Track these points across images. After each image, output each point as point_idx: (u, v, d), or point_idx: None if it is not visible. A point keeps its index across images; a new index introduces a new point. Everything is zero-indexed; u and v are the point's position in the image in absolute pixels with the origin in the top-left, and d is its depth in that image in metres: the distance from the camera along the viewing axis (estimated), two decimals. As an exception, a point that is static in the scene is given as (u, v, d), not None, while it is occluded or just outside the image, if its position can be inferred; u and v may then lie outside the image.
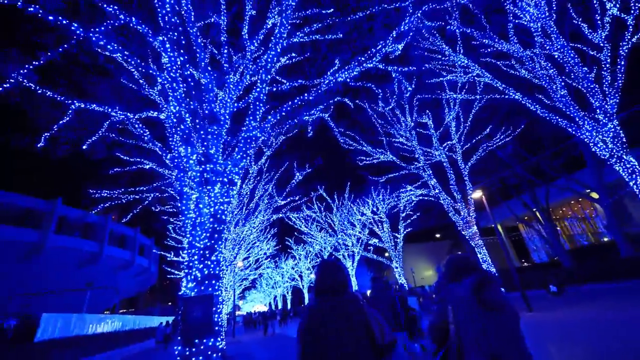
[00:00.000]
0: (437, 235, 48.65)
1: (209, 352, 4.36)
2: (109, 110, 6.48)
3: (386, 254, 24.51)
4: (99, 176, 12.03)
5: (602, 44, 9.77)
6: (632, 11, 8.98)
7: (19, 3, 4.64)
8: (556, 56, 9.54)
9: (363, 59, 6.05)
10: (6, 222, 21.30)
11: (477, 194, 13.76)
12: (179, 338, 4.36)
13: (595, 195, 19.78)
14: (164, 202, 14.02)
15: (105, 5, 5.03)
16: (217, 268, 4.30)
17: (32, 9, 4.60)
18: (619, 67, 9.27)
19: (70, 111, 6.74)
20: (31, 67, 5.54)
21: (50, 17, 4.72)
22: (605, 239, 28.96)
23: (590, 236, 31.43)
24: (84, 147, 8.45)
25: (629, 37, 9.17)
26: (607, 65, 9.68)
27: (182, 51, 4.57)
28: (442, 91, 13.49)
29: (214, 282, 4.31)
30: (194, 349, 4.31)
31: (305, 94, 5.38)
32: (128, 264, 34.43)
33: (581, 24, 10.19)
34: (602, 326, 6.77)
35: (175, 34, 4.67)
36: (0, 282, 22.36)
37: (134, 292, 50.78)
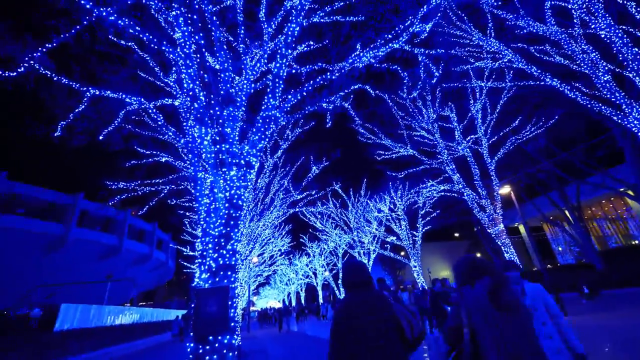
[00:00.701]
0: (456, 235, 47.13)
1: (225, 351, 3.99)
2: (124, 97, 6.26)
3: (402, 253, 23.78)
4: (115, 168, 12.01)
5: (653, 24, 8.81)
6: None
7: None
8: (603, 35, 8.63)
9: (390, 36, 5.53)
10: (32, 214, 22.04)
11: (505, 190, 12.90)
12: (191, 334, 4.02)
13: (631, 192, 18.37)
14: (179, 195, 13.93)
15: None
16: (233, 258, 3.92)
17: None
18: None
19: (85, 99, 6.58)
20: (44, 49, 5.33)
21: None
22: (635, 242, 27.22)
23: (621, 238, 29.60)
24: (101, 137, 8.35)
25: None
26: (659, 47, 8.71)
27: (196, 26, 4.22)
28: (468, 80, 12.67)
29: (229, 273, 3.94)
30: (207, 347, 3.96)
31: (328, 74, 4.92)
32: (146, 258, 35.18)
33: (627, 2, 9.22)
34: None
35: (188, 9, 4.33)
36: (25, 273, 23.23)
37: (152, 286, 52.13)
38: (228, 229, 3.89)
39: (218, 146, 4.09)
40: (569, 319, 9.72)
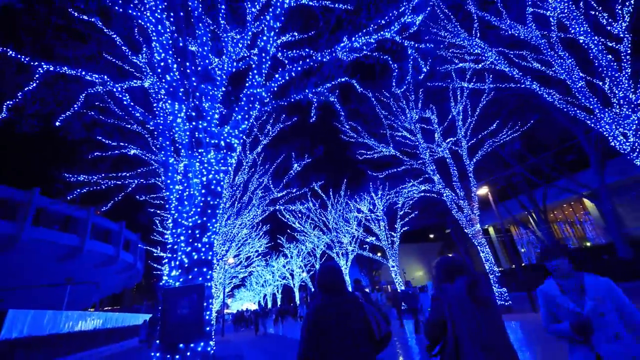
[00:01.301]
0: (431, 236, 48.42)
1: (199, 361, 3.45)
2: (84, 74, 5.51)
3: (379, 254, 23.83)
4: (76, 160, 10.88)
5: (622, 35, 9.28)
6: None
7: None
8: (581, 40, 8.94)
9: (383, 22, 5.27)
10: (-23, 211, 19.77)
11: (483, 191, 13.15)
12: (157, 342, 3.42)
13: (589, 198, 19.63)
14: (149, 191, 12.92)
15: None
16: (209, 252, 3.39)
17: None
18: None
19: (37, 75, 5.75)
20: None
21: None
22: (588, 244, 29.19)
23: (577, 240, 31.68)
24: (57, 123, 7.42)
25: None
26: (628, 57, 9.19)
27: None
28: (451, 81, 12.80)
29: (205, 269, 3.39)
30: (177, 356, 3.39)
31: (318, 54, 4.53)
32: (112, 260, 32.88)
33: (599, 14, 9.67)
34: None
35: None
36: (-30, 276, 20.79)
37: (119, 289, 48.98)
38: (204, 218, 3.35)
39: (194, 123, 3.54)
40: (538, 314, 10.03)
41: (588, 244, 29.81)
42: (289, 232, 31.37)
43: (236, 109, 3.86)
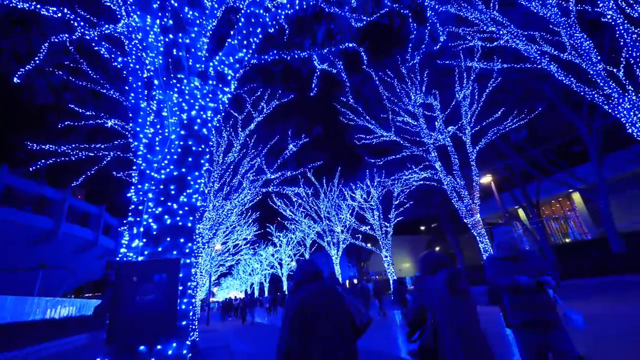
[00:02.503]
0: (422, 228, 48.57)
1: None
2: (39, 7, 4.39)
3: (369, 245, 23.32)
4: (41, 128, 9.55)
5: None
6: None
7: None
8: (609, 17, 8.25)
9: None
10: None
11: (487, 179, 12.57)
12: (104, 338, 2.37)
13: (586, 192, 19.59)
14: (129, 166, 11.63)
15: None
16: (189, 217, 2.45)
17: None
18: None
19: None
20: None
21: None
22: (567, 240, 29.60)
23: (560, 236, 32.11)
24: (15, 79, 6.21)
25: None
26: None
27: None
28: (459, 62, 11.99)
29: (182, 240, 2.44)
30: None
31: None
32: (91, 245, 31.21)
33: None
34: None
35: None
36: None
37: (100, 276, 47.15)
38: (183, 170, 2.40)
39: (171, 36, 2.57)
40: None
41: (567, 240, 30.20)
42: (279, 220, 30.51)
43: (232, 32, 2.91)
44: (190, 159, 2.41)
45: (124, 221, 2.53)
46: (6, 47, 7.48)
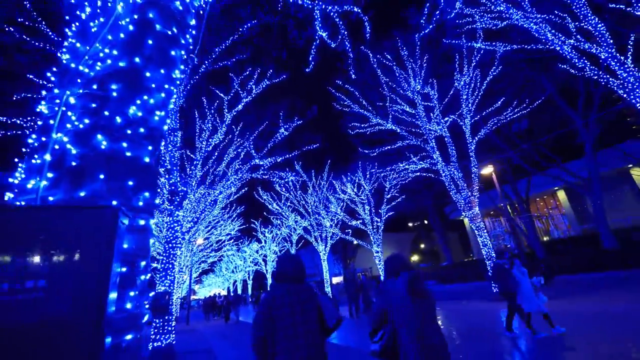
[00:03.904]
0: (410, 224, 48.63)
1: None
2: None
3: (355, 242, 22.56)
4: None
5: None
6: None
7: None
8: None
9: None
10: None
11: (488, 170, 12.01)
12: None
13: (577, 188, 19.68)
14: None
15: None
16: (147, 144, 1.41)
17: None
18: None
19: None
20: None
21: None
22: (546, 238, 30.18)
23: (541, 234, 32.74)
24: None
25: None
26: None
27: None
28: (464, 44, 11.30)
29: (130, 183, 1.43)
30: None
31: None
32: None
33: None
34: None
35: None
36: None
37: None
38: (136, 60, 1.41)
39: None
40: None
41: (546, 238, 30.75)
42: (265, 214, 29.29)
43: None
44: (150, 43, 1.40)
45: (22, 150, 1.50)
46: None
